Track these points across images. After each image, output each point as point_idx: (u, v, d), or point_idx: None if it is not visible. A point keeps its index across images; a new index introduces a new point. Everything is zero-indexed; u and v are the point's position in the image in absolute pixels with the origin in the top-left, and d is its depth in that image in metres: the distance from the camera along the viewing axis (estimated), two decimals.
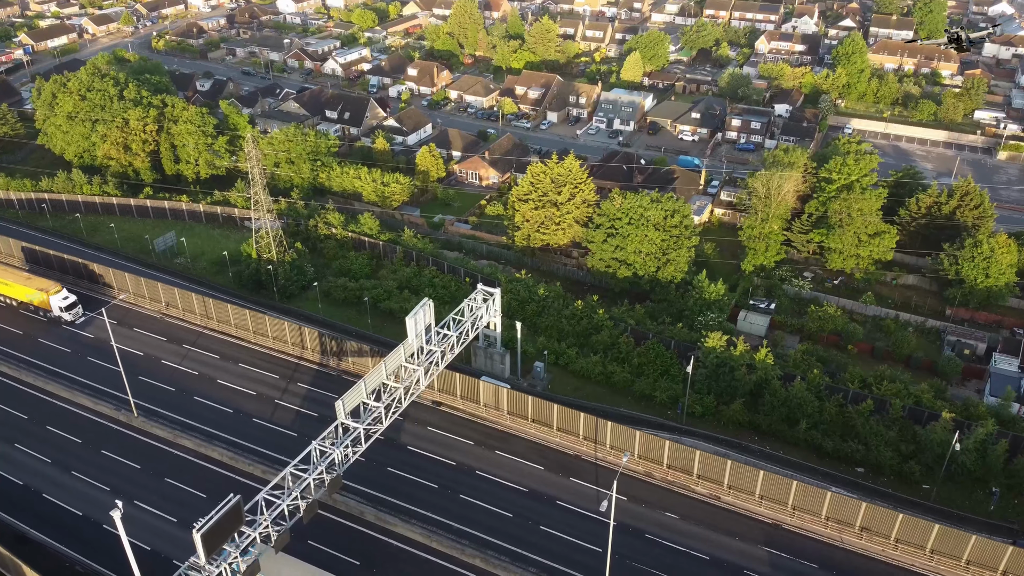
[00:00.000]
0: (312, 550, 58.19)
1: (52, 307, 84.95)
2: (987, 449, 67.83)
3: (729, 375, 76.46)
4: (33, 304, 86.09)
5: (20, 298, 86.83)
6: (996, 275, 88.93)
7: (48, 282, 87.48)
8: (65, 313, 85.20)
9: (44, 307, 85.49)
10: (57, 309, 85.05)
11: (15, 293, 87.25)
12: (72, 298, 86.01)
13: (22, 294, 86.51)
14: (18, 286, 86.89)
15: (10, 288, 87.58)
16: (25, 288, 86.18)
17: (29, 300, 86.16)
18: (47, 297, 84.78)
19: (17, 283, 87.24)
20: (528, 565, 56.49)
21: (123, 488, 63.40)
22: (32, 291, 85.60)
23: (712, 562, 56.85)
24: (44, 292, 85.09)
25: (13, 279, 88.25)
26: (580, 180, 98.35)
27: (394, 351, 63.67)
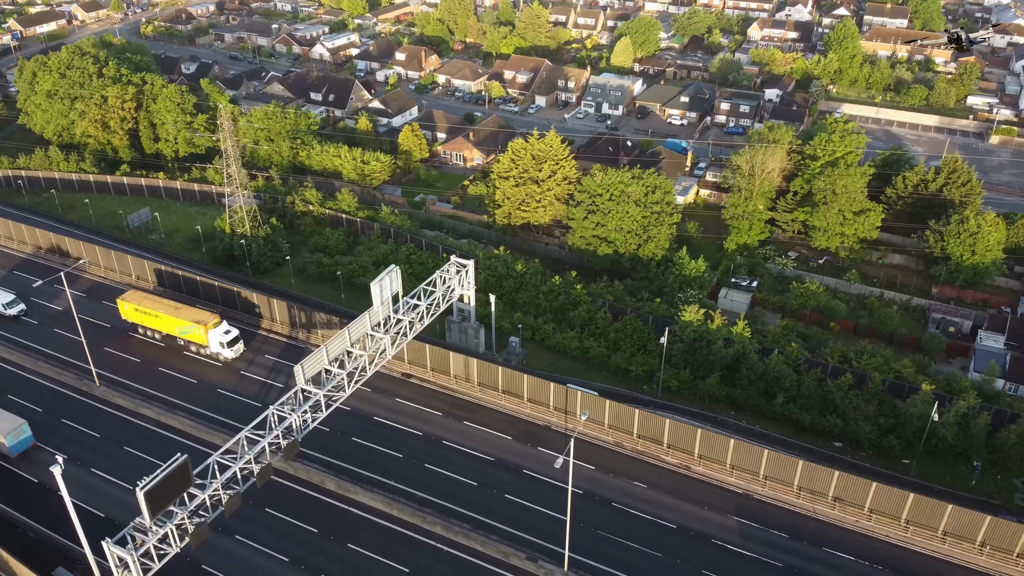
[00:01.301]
0: (270, 518, 56.79)
1: (210, 342, 72.11)
2: (969, 423, 66.38)
3: (706, 349, 74.95)
4: (184, 339, 73.07)
5: (170, 331, 73.66)
6: (983, 252, 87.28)
7: (204, 312, 73.86)
8: (226, 350, 71.95)
9: (199, 342, 72.42)
10: (216, 344, 72.01)
11: (164, 326, 73.48)
12: (234, 332, 72.84)
13: (172, 327, 73.02)
14: (168, 318, 72.73)
15: (159, 320, 73.31)
16: (176, 320, 72.53)
17: (182, 334, 72.99)
18: (205, 331, 71.54)
19: (166, 314, 72.98)
20: (490, 532, 55.00)
21: (81, 456, 61.96)
22: (185, 323, 71.93)
23: (679, 531, 55.29)
24: (201, 325, 71.44)
25: (162, 309, 73.93)
26: (561, 157, 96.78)
27: (358, 318, 62.06)
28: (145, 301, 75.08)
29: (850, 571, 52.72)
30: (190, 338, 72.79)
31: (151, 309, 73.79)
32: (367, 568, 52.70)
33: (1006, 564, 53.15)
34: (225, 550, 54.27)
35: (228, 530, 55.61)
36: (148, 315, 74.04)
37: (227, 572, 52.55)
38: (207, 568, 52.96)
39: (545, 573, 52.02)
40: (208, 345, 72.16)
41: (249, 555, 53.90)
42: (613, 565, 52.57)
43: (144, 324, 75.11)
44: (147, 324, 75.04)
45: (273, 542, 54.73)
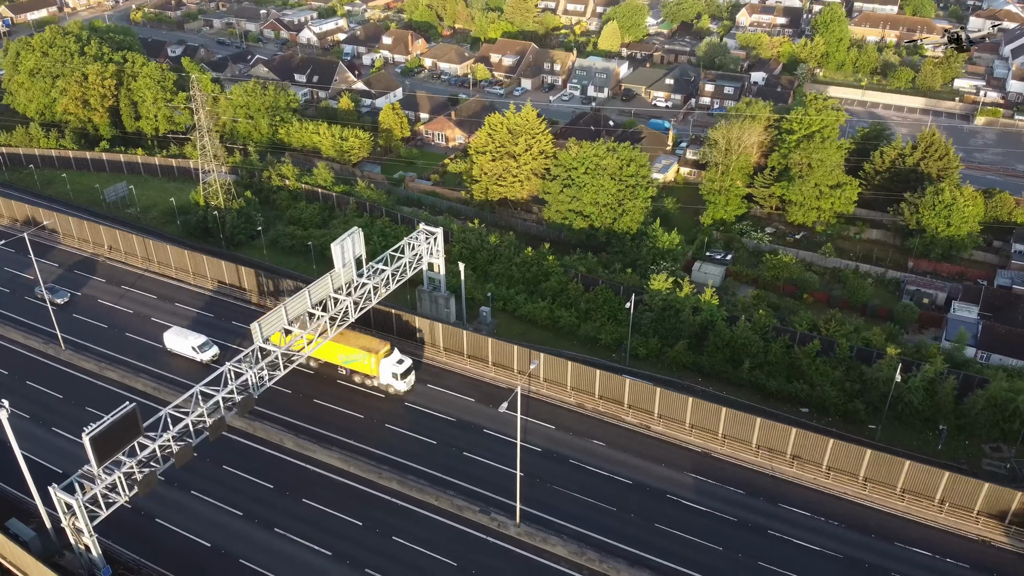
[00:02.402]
0: (226, 475, 56.77)
1: (381, 373, 63.83)
2: (936, 388, 66.12)
3: (674, 317, 74.81)
4: (349, 368, 64.96)
5: (331, 360, 65.53)
6: (958, 224, 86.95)
7: (373, 339, 65.47)
8: (399, 381, 63.64)
9: (368, 373, 64.26)
10: (388, 376, 63.70)
11: (325, 353, 64.58)
12: (407, 361, 64.40)
13: (335, 355, 64.72)
14: (332, 344, 63.77)
15: (321, 348, 62.66)
16: (341, 347, 64.07)
17: (346, 363, 64.86)
18: (376, 360, 63.36)
19: (330, 340, 63.06)
20: (446, 488, 54.89)
21: (43, 415, 62.03)
22: (353, 351, 63.70)
23: (635, 486, 55.14)
24: (372, 353, 63.18)
25: None
26: (537, 131, 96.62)
27: (319, 279, 61.99)
28: None
29: (805, 526, 52.49)
30: (356, 367, 64.50)
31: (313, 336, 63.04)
32: (319, 521, 52.61)
33: (965, 521, 52.99)
34: (179, 504, 54.25)
35: (184, 485, 55.67)
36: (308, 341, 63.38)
37: (180, 525, 52.48)
38: (160, 521, 52.90)
39: (498, 525, 51.95)
40: (379, 376, 64.15)
41: (202, 509, 53.84)
42: (565, 518, 52.44)
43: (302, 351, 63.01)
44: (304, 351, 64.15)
45: (228, 497, 54.68)
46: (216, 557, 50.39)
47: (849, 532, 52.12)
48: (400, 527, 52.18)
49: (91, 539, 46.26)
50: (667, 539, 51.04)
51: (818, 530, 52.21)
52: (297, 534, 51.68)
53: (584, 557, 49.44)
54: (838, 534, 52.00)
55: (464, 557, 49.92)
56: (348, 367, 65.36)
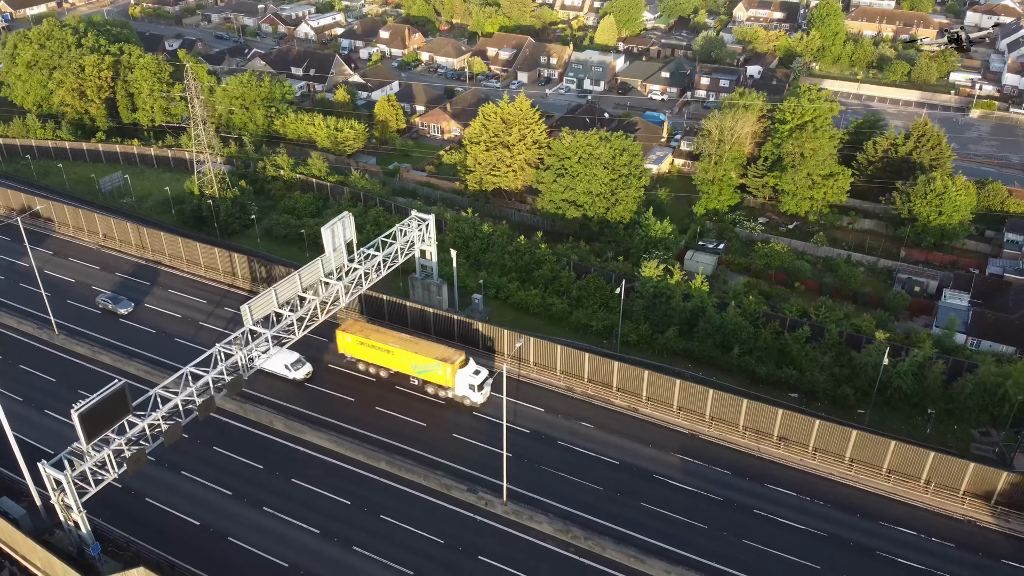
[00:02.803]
0: (216, 455, 57.21)
1: (456, 385, 61.19)
2: (925, 373, 66.39)
3: (665, 304, 75.13)
4: (421, 379, 62.59)
5: (403, 369, 63.16)
6: (949, 212, 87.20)
7: (447, 348, 62.89)
8: (475, 393, 60.78)
9: (443, 384, 61.61)
10: (465, 387, 61.05)
11: (396, 363, 62.92)
12: (484, 372, 61.61)
13: (407, 364, 62.46)
14: (403, 353, 62.01)
15: (391, 357, 62.52)
16: (414, 356, 61.86)
17: (419, 373, 62.31)
18: (451, 371, 60.59)
19: (401, 348, 62.28)
20: (435, 468, 55.30)
21: (35, 398, 62.45)
22: (426, 360, 61.21)
23: (622, 466, 55.52)
24: (447, 363, 60.45)
25: (395, 343, 62.97)
26: (531, 120, 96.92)
27: (309, 263, 62.24)
28: (372, 334, 64.15)
29: (791, 506, 52.81)
30: (430, 378, 62.05)
31: (381, 343, 62.77)
32: (308, 500, 52.99)
33: (951, 502, 53.27)
34: (169, 484, 54.65)
35: (174, 466, 56.10)
36: (377, 350, 63.13)
37: (169, 504, 52.89)
38: (150, 500, 53.32)
39: (485, 504, 52.31)
40: (454, 387, 61.58)
41: (193, 488, 54.23)
42: (552, 497, 52.82)
43: (368, 360, 63.90)
44: (373, 360, 63.97)
45: (218, 477, 55.10)
46: (205, 535, 50.76)
47: (834, 512, 52.43)
48: (388, 506, 52.52)
49: (80, 515, 46.59)
50: (653, 517, 51.39)
51: (803, 509, 52.52)
52: (286, 513, 52.09)
53: (570, 534, 49.78)
54: (823, 513, 52.31)
55: (451, 535, 50.29)
56: (420, 377, 62.55)
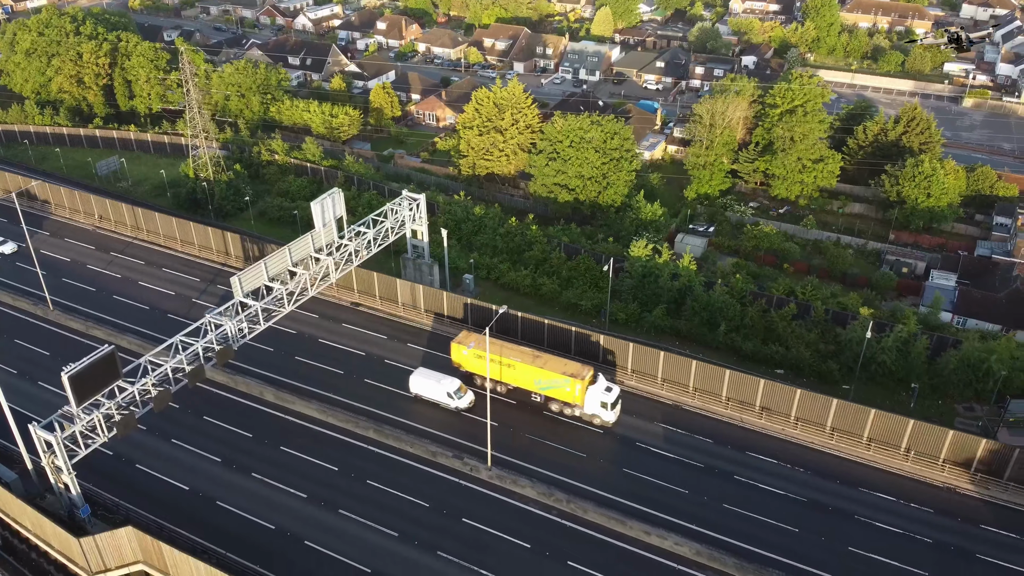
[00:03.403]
0: (206, 424, 58.08)
1: (586, 402, 57.11)
2: (909, 349, 67.07)
3: (654, 284, 75.88)
4: (545, 395, 58.34)
5: (525, 385, 59.07)
6: (937, 194, 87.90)
7: (574, 363, 58.74)
8: (608, 412, 56.76)
9: (571, 402, 57.56)
10: (596, 405, 56.85)
11: (517, 378, 59.06)
12: (616, 389, 57.41)
13: (530, 380, 58.51)
14: (527, 368, 58.07)
15: (513, 371, 58.68)
16: (539, 371, 57.79)
17: (543, 390, 58.25)
18: (581, 388, 56.51)
19: (523, 362, 58.25)
20: (418, 437, 56.10)
21: (29, 371, 63.31)
22: (552, 376, 57.28)
23: (605, 434, 56.38)
24: (576, 379, 56.45)
25: (517, 357, 58.87)
26: (523, 105, 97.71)
27: (300, 238, 63.10)
28: (493, 347, 59.56)
29: (771, 472, 53.52)
30: (555, 395, 58.07)
31: (502, 357, 59.22)
32: (296, 467, 53.82)
33: (931, 469, 53.94)
34: (160, 451, 55.51)
35: (164, 434, 56.96)
36: (497, 364, 59.48)
37: (160, 470, 53.73)
38: (140, 467, 54.18)
39: (470, 469, 53.12)
40: (582, 405, 57.49)
41: (183, 456, 55.08)
42: (537, 464, 53.62)
43: (486, 374, 58.75)
44: (494, 375, 59.87)
45: (207, 445, 55.94)
46: (194, 499, 51.59)
47: (814, 478, 53.15)
48: (375, 472, 53.31)
49: (70, 477, 47.39)
50: (634, 483, 52.15)
51: (784, 476, 53.24)
52: (274, 479, 52.89)
53: (552, 498, 50.57)
54: (803, 480, 53.05)
55: (436, 499, 51.07)
56: (544, 394, 58.65)
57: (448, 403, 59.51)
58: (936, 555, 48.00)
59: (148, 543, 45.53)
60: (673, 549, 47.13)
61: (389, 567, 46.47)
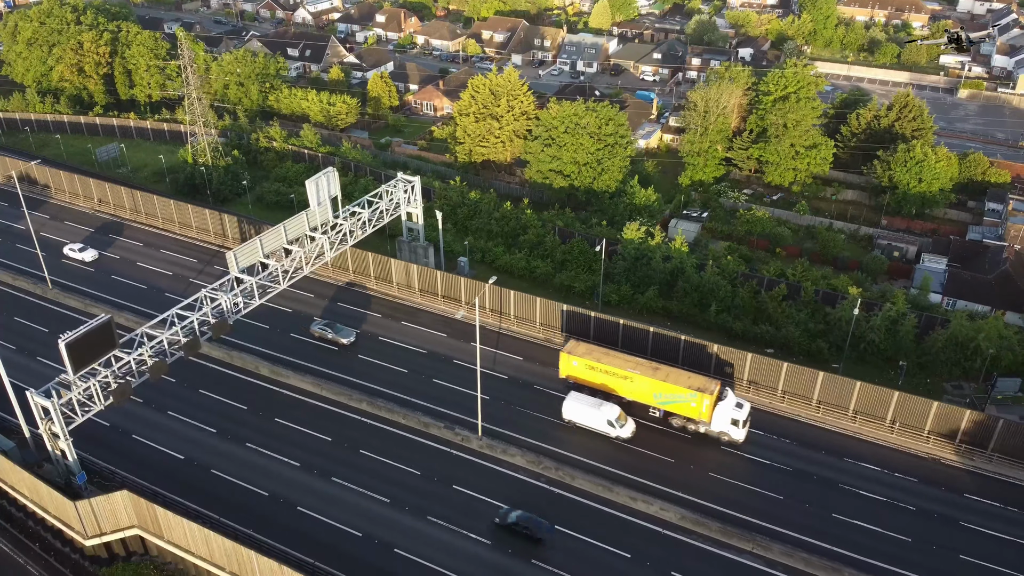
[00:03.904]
0: (202, 397, 59.00)
1: (715, 419, 54.15)
2: (898, 328, 67.77)
3: (646, 266, 76.63)
4: (666, 410, 55.46)
5: (642, 399, 56.09)
6: (929, 179, 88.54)
7: (700, 376, 55.96)
8: (738, 429, 53.68)
9: (696, 418, 54.63)
10: (725, 422, 53.90)
11: (635, 391, 56.02)
12: (746, 405, 54.51)
13: (649, 393, 55.56)
14: (646, 380, 55.24)
15: (630, 384, 55.79)
16: (660, 384, 54.83)
17: (665, 404, 55.24)
18: (709, 402, 53.60)
19: (643, 375, 55.47)
20: (414, 409, 56.95)
21: (28, 347, 64.22)
22: (675, 390, 54.33)
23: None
24: (703, 394, 53.52)
25: (635, 369, 56.06)
26: (518, 91, 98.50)
27: (295, 216, 63.96)
28: (604, 357, 57.29)
29: (758, 443, 54.34)
30: (678, 410, 55.11)
31: (617, 368, 56.08)
32: (290, 437, 54.69)
33: (916, 441, 54.66)
34: (155, 423, 56.43)
35: (161, 407, 57.88)
36: (611, 376, 56.41)
37: (156, 440, 54.67)
38: (136, 437, 55.09)
39: (461, 439, 54.00)
40: (709, 421, 54.37)
41: (178, 427, 55.98)
42: (527, 434, 54.57)
43: (600, 387, 56.90)
44: (604, 387, 56.92)
45: (203, 416, 56.88)
46: (188, 467, 52.47)
47: (800, 448, 53.98)
48: (368, 442, 54.18)
49: (67, 444, 48.23)
50: (622, 451, 52.98)
51: (770, 447, 54.04)
52: (268, 448, 53.76)
53: (541, 465, 51.44)
54: (789, 450, 53.86)
55: (428, 467, 51.95)
56: (665, 408, 55.62)
57: (608, 432, 54.55)
58: (920, 522, 48.77)
59: (143, 507, 46.47)
60: (658, 514, 47.96)
61: (380, 531, 47.32)
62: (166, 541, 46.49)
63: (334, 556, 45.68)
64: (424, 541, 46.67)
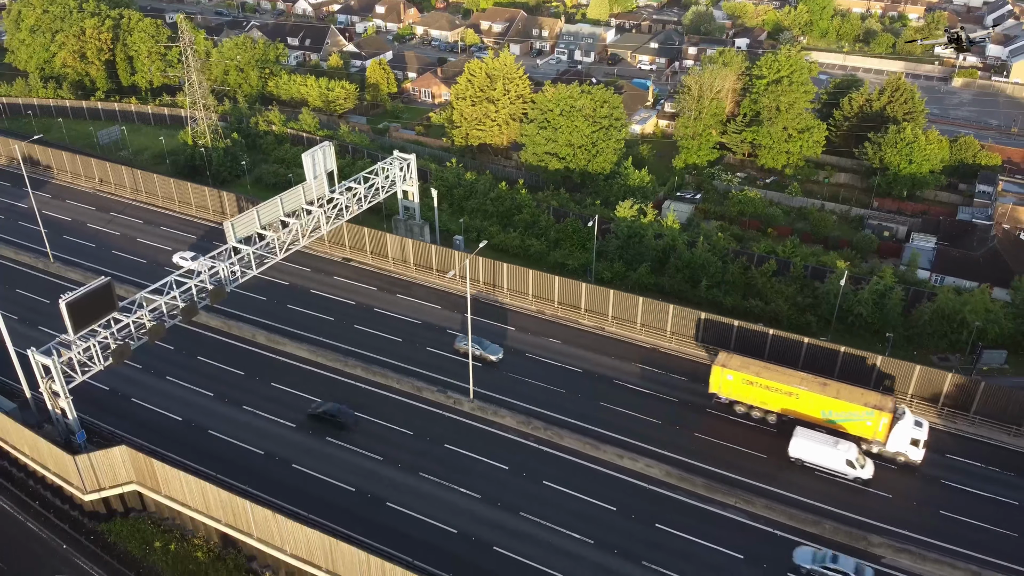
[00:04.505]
0: (200, 363, 60.20)
1: (890, 439, 51.08)
2: (885, 301, 68.80)
3: (639, 244, 77.73)
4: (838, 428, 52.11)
5: (809, 414, 52.69)
6: (919, 161, 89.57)
7: (874, 393, 52.89)
8: (916, 449, 50.70)
9: (869, 436, 51.48)
10: (904, 443, 50.70)
11: (803, 406, 52.70)
12: (925, 424, 51.73)
13: (817, 409, 52.43)
14: (817, 397, 52.12)
15: (796, 400, 52.61)
16: (830, 401, 51.94)
17: (836, 422, 52.10)
18: (886, 422, 50.60)
19: (811, 391, 52.27)
20: (407, 375, 58.11)
21: (29, 317, 65.42)
22: (849, 407, 51.50)
23: (585, 374, 58.33)
24: (880, 412, 50.73)
25: (801, 384, 52.70)
26: (514, 75, 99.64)
27: (291, 189, 65.12)
28: (764, 371, 53.90)
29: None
30: (849, 428, 52.09)
31: (781, 384, 52.80)
32: (285, 400, 55.87)
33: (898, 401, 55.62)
34: (154, 387, 57.63)
35: (159, 372, 59.07)
36: (772, 391, 53.22)
37: (154, 403, 55.88)
38: (135, 400, 56.26)
39: (453, 402, 55.14)
40: (884, 441, 51.39)
41: (176, 391, 57.19)
42: (517, 398, 55.66)
43: (755, 402, 54.01)
44: (762, 403, 53.79)
45: (200, 381, 58.09)
46: (187, 429, 53.66)
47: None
48: (363, 404, 55.34)
49: (67, 402, 49.39)
50: (609, 414, 54.07)
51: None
52: (263, 410, 54.95)
53: (531, 426, 52.57)
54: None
55: (420, 427, 53.11)
56: (833, 427, 52.28)
57: (847, 473, 50.04)
58: (904, 480, 49.79)
59: (141, 461, 47.63)
60: (644, 471, 49.07)
61: (373, 486, 48.48)
62: (163, 495, 47.68)
63: (327, 509, 46.83)
64: (415, 495, 47.86)
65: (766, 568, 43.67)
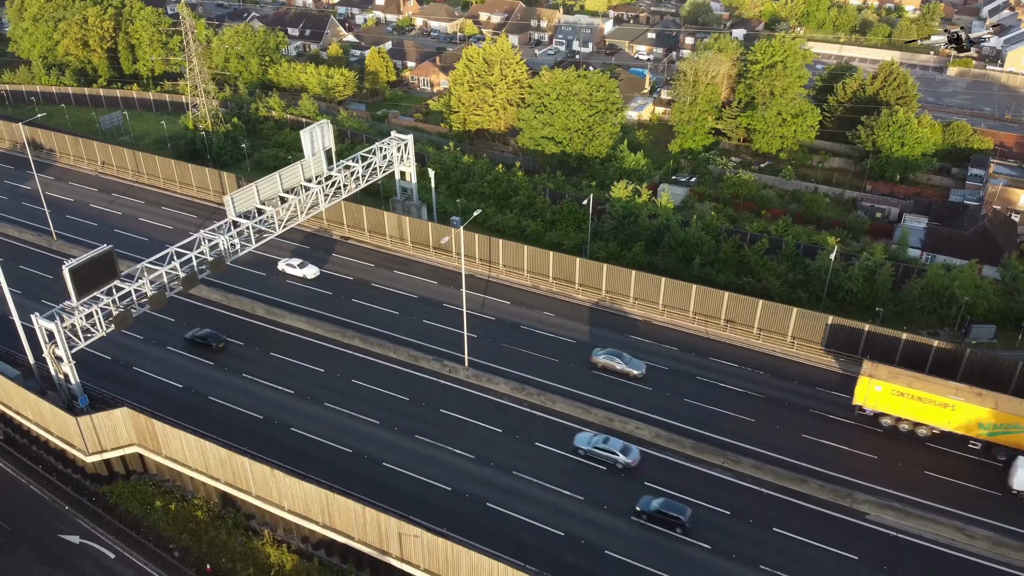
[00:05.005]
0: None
1: None
2: (875, 278, 69.81)
3: (633, 224, 78.79)
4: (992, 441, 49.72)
5: (964, 430, 50.15)
6: (912, 144, 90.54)
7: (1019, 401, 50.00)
8: None
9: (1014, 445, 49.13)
10: None
11: (956, 420, 50.01)
12: None
13: (972, 423, 49.71)
14: (976, 409, 49.26)
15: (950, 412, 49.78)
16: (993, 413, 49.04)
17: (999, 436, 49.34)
18: None
19: (970, 403, 49.37)
20: (402, 345, 59.20)
21: (33, 291, 66.53)
22: (1017, 420, 48.77)
23: (577, 345, 59.43)
24: None
25: (958, 395, 49.94)
26: (511, 60, 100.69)
27: (290, 166, 66.27)
28: (916, 383, 51.06)
29: (733, 374, 56.59)
30: (1010, 441, 49.30)
31: (936, 395, 50.01)
32: (285, 368, 56.96)
33: None
34: (156, 357, 58.74)
35: (159, 343, 60.17)
36: (926, 403, 50.47)
37: (156, 372, 56.99)
38: (137, 368, 57.42)
39: (449, 370, 56.23)
40: None
41: (177, 360, 58.28)
42: (512, 366, 56.80)
43: (906, 415, 51.37)
44: (913, 416, 51.23)
45: (199, 351, 59.12)
46: (187, 395, 54.78)
47: (773, 379, 56.15)
48: (360, 372, 56.51)
49: (70, 366, 50.50)
50: (602, 382, 55.14)
51: (744, 376, 56.22)
52: (263, 378, 56.05)
53: (524, 392, 53.68)
54: (763, 380, 56.02)
55: (416, 393, 54.22)
56: (994, 440, 49.70)
57: None
58: (888, 442, 50.88)
59: (142, 422, 48.74)
60: (634, 432, 50.14)
61: (369, 447, 49.59)
62: (164, 456, 48.80)
63: (325, 468, 47.94)
64: (411, 456, 48.97)
65: None
